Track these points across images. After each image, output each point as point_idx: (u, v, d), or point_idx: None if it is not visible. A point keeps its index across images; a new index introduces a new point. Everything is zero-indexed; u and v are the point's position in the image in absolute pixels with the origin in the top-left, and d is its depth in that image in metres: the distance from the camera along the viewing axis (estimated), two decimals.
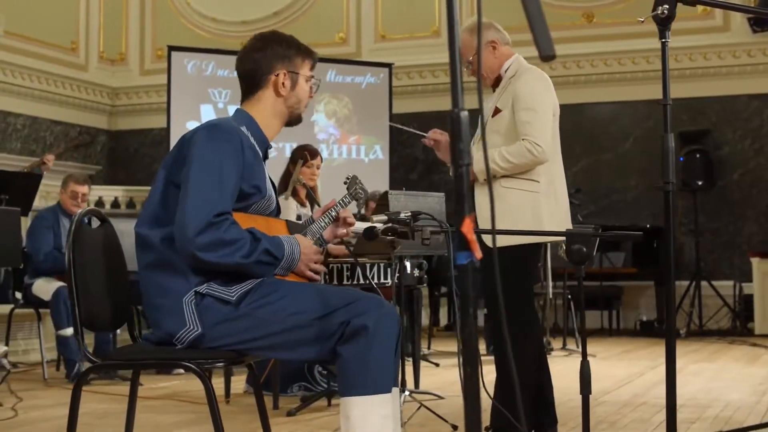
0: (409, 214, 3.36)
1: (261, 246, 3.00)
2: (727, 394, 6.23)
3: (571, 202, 10.71)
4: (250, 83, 3.32)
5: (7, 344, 7.52)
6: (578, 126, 12.10)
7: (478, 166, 4.30)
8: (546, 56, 1.63)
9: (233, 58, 11.93)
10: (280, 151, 12.20)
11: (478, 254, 1.60)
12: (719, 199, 11.95)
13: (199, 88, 12.24)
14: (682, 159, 11.53)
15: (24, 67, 13.24)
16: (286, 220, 3.30)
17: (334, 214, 3.40)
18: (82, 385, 3.17)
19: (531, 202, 4.42)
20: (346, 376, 2.95)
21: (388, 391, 2.96)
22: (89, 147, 14.14)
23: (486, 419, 4.36)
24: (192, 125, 11.99)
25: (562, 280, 9.62)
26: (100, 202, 12.30)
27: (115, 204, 12.61)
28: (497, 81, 4.60)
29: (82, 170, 13.76)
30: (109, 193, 12.78)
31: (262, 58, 3.29)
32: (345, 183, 3.52)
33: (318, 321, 2.97)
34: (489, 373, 4.30)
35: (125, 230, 6.79)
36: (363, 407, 2.92)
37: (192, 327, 3.00)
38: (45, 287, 7.28)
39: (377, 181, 11.48)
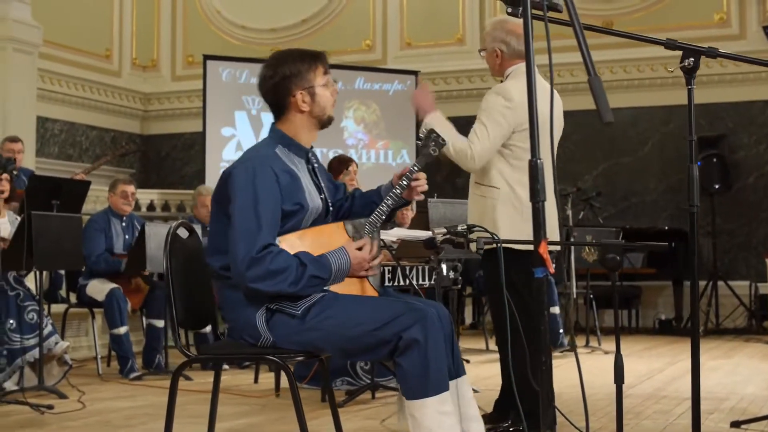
0: (465, 227, 3.79)
1: (307, 272, 3.38)
2: (742, 388, 6.64)
3: (591, 205, 11.14)
4: (276, 108, 3.68)
5: None
6: (598, 131, 12.47)
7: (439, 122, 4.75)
8: (606, 122, 2.08)
9: None
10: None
11: (551, 269, 2.03)
12: (735, 201, 12.32)
13: (233, 95, 12.67)
14: (699, 163, 11.85)
15: (61, 74, 13.73)
16: (344, 222, 3.65)
17: (405, 183, 3.76)
18: (179, 378, 3.57)
19: (491, 208, 4.83)
20: (408, 383, 3.36)
21: (446, 389, 3.37)
22: (135, 154, 14.66)
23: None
24: (227, 131, 12.48)
25: (585, 281, 9.99)
26: (136, 205, 12.70)
27: (151, 207, 13.03)
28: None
29: (116, 174, 14.24)
30: (145, 196, 13.19)
31: (277, 86, 3.62)
32: (419, 138, 3.86)
33: (375, 332, 3.37)
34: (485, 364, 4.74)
35: (161, 233, 7.29)
36: (425, 408, 3.33)
37: (266, 338, 3.45)
38: (99, 288, 7.72)
39: None
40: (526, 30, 2.19)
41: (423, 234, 4.26)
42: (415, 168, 3.77)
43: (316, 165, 3.74)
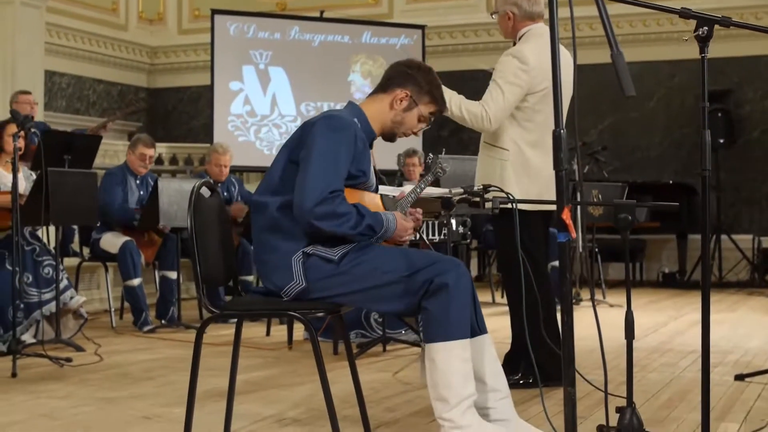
0: (481, 186, 3.89)
1: (365, 221, 3.53)
2: (746, 342, 6.77)
3: (596, 159, 11.18)
4: (383, 84, 3.83)
5: None
6: (604, 85, 12.53)
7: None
8: (629, 96, 2.18)
9: (274, 21, 12.62)
10: (319, 110, 12.75)
11: (574, 234, 2.13)
12: (740, 156, 12.41)
13: (240, 49, 12.73)
14: None
15: (68, 28, 13.79)
16: (381, 195, 3.82)
17: (419, 190, 3.93)
18: (203, 333, 3.67)
19: (499, 168, 4.94)
20: (431, 326, 3.48)
21: (467, 337, 3.49)
22: (142, 111, 14.75)
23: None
24: (235, 86, 12.54)
25: (590, 234, 10.09)
26: None
27: (159, 161, 13.10)
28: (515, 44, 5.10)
29: (124, 127, 14.34)
30: None
31: (403, 74, 3.79)
32: (427, 162, 4.03)
33: (405, 279, 3.49)
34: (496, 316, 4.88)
35: (177, 188, 7.39)
36: (446, 351, 3.45)
37: (298, 281, 3.55)
38: (113, 241, 7.84)
39: (410, 138, 11.97)
40: (551, 3, 2.27)
41: (434, 191, 4.42)
42: (423, 184, 4.06)
43: None
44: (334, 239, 3.56)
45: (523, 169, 4.91)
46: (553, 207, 5.25)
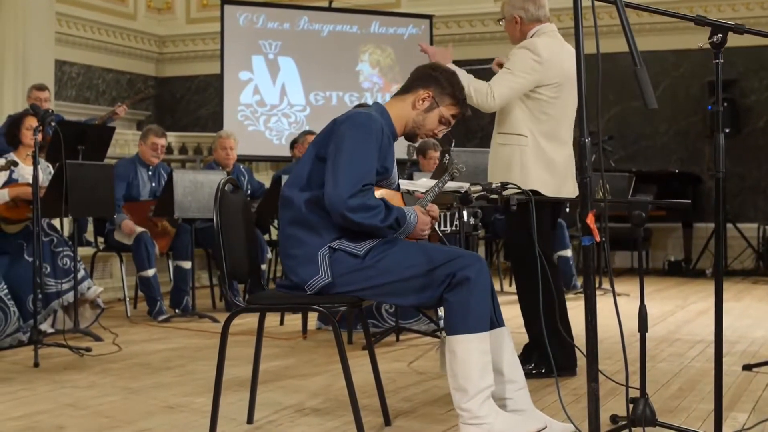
0: (499, 184, 4.00)
1: (393, 215, 3.66)
2: (752, 332, 6.87)
3: (603, 149, 11.26)
4: (407, 85, 3.97)
5: None
6: (610, 75, 12.56)
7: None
8: (651, 108, 2.28)
9: (283, 11, 12.72)
10: (328, 99, 12.83)
11: (598, 238, 2.24)
12: (745, 145, 12.49)
13: (250, 39, 12.82)
14: (710, 108, 12.07)
15: (78, 17, 13.87)
16: (401, 193, 3.94)
17: (437, 190, 4.04)
18: (229, 325, 3.78)
19: (519, 154, 5.04)
20: (452, 318, 3.60)
21: (486, 330, 3.60)
22: (152, 98, 14.84)
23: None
24: (244, 75, 12.63)
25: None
26: None
27: (169, 150, 13.19)
28: None
29: (133, 116, 14.44)
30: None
31: (427, 76, 3.93)
32: (444, 163, 4.13)
33: (428, 272, 3.61)
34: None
35: (192, 179, 7.48)
36: (466, 343, 3.56)
37: (323, 275, 3.66)
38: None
39: None
40: (576, 17, 2.37)
41: (450, 184, 4.54)
42: (441, 184, 4.12)
43: None
44: (359, 234, 3.68)
45: (538, 158, 5.02)
46: (563, 197, 5.40)
